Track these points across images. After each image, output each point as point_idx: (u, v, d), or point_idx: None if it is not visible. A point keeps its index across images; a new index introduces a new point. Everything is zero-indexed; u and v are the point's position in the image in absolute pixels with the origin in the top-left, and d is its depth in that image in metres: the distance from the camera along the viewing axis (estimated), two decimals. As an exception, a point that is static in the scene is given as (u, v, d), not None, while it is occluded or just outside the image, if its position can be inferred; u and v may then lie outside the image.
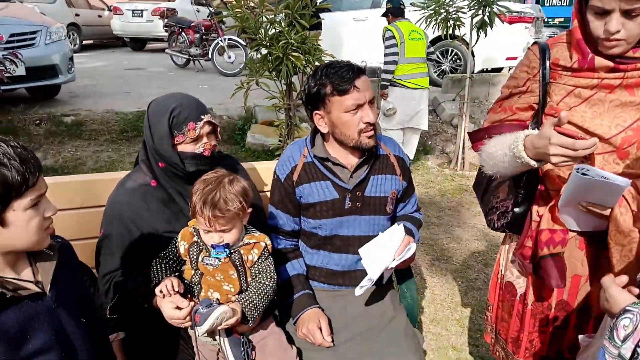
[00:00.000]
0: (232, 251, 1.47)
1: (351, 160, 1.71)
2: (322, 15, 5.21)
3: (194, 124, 1.56)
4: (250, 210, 1.47)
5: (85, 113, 5.58)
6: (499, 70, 8.11)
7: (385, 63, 4.91)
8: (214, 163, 1.64)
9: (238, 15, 3.69)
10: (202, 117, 1.58)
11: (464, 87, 5.58)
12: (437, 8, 5.03)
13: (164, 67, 9.73)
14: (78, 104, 6.06)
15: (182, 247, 1.51)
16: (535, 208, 1.49)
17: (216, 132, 1.66)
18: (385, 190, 1.74)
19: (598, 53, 1.30)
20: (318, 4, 3.81)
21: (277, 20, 3.73)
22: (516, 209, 1.52)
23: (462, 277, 3.25)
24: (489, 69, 7.85)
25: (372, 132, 1.63)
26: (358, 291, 1.60)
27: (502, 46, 6.92)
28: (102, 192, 1.73)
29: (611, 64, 1.29)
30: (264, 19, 3.69)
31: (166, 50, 9.85)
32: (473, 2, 4.90)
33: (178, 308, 1.39)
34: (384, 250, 1.61)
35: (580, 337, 1.39)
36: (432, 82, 6.68)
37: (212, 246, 1.45)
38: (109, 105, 5.82)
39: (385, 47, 4.88)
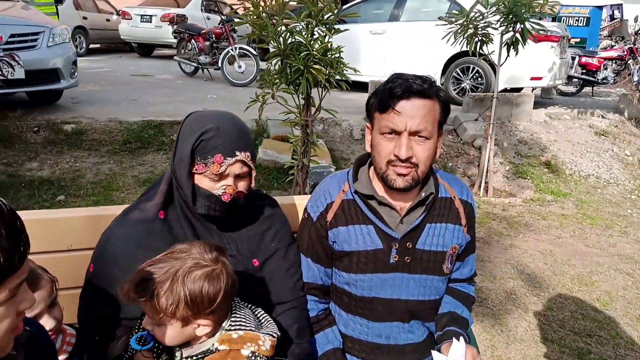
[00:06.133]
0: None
1: (403, 201, 1.36)
2: (336, 26, 4.93)
3: (221, 158, 1.20)
4: (205, 323, 1.08)
5: (87, 121, 5.22)
6: (518, 90, 7.78)
7: None
8: (236, 209, 1.28)
9: (256, 22, 3.39)
10: (237, 153, 1.22)
11: (489, 107, 5.26)
12: (466, 23, 4.73)
13: (171, 74, 9.43)
14: (80, 111, 5.69)
15: None
16: None
17: (250, 177, 1.29)
18: (444, 244, 1.38)
19: None
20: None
21: (298, 29, 3.43)
22: None
23: (501, 324, 2.88)
24: (508, 89, 7.52)
25: (403, 170, 1.27)
26: None
27: (526, 65, 6.59)
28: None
29: None
30: (284, 28, 3.39)
31: (174, 57, 9.57)
32: (504, 18, 4.61)
33: None
34: None
35: None
36: (452, 101, 6.39)
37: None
38: (113, 114, 5.46)
39: None
